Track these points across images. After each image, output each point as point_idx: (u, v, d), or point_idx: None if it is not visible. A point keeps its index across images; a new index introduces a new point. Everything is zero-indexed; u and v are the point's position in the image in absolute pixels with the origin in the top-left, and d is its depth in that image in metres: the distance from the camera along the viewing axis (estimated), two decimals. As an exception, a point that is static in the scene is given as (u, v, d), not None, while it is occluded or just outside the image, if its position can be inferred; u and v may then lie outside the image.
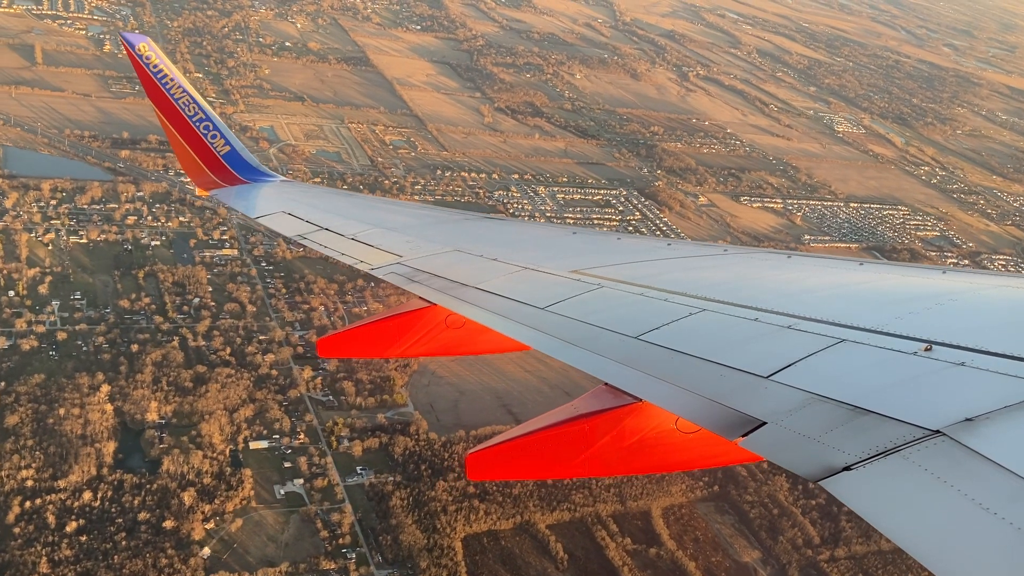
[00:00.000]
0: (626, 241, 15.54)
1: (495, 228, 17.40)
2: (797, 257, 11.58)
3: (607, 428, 8.20)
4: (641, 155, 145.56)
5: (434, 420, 75.80)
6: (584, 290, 9.76)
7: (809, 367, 6.73)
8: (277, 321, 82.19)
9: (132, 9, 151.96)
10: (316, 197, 19.22)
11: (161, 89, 16.21)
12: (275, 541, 61.59)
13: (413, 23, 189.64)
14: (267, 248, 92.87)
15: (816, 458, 5.45)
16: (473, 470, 8.42)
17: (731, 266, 11.57)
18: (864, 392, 6.11)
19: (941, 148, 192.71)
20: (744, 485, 76.58)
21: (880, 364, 6.55)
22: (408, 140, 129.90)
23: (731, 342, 7.65)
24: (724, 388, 6.75)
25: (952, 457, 4.97)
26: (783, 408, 6.20)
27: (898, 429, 5.42)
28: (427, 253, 12.56)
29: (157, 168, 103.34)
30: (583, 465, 8.33)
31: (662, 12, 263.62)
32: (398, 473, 69.13)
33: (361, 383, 76.75)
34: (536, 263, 11.43)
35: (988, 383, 5.79)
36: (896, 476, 4.99)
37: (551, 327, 8.80)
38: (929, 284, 9.15)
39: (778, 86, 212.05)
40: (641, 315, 8.68)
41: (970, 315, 7.66)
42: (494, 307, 9.82)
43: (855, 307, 7.99)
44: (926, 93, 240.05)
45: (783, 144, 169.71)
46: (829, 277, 10.28)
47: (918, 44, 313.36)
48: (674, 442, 8.20)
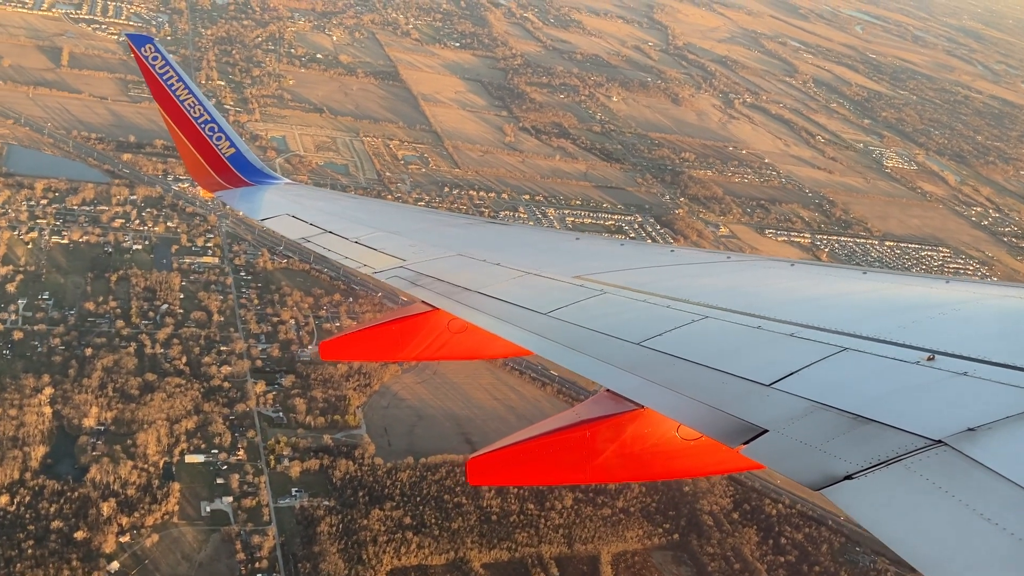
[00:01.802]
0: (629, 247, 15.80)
1: (499, 233, 17.17)
2: (800, 265, 11.55)
3: (609, 434, 8.14)
4: (665, 181, 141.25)
5: (385, 445, 73.21)
6: (587, 296, 9.78)
7: (811, 375, 6.73)
8: (242, 333, 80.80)
9: (169, 16, 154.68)
10: (321, 200, 19.29)
11: (166, 90, 16.26)
12: (189, 560, 59.61)
13: (452, 40, 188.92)
14: (249, 258, 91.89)
15: (818, 466, 5.47)
16: (473, 475, 8.27)
17: (734, 273, 11.69)
18: (866, 401, 6.13)
19: (999, 189, 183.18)
20: (708, 535, 71.94)
21: (882, 373, 6.56)
22: (422, 156, 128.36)
23: (733, 349, 7.70)
24: (726, 395, 6.75)
25: (954, 467, 5.00)
26: (785, 416, 6.21)
27: (900, 438, 5.46)
28: (430, 257, 12.53)
29: (156, 172, 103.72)
30: (584, 471, 8.32)
31: (719, 37, 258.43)
32: (333, 498, 66.66)
33: (314, 401, 74.71)
34: (539, 268, 11.40)
35: (990, 393, 5.81)
36: (898, 485, 5.03)
37: (553, 332, 8.80)
38: (932, 293, 9.25)
39: (830, 117, 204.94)
40: (644, 321, 8.68)
41: (973, 325, 7.66)
42: (497, 312, 9.78)
43: (858, 316, 8.07)
44: (993, 131, 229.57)
45: (823, 177, 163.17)
46: (832, 285, 10.38)
47: (994, 80, 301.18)
48: (676, 449, 8.14)
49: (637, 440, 8.14)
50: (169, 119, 16.77)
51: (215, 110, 17.29)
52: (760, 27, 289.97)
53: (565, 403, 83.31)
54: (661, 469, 8.36)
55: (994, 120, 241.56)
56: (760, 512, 75.92)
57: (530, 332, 8.94)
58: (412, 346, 11.39)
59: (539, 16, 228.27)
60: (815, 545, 73.49)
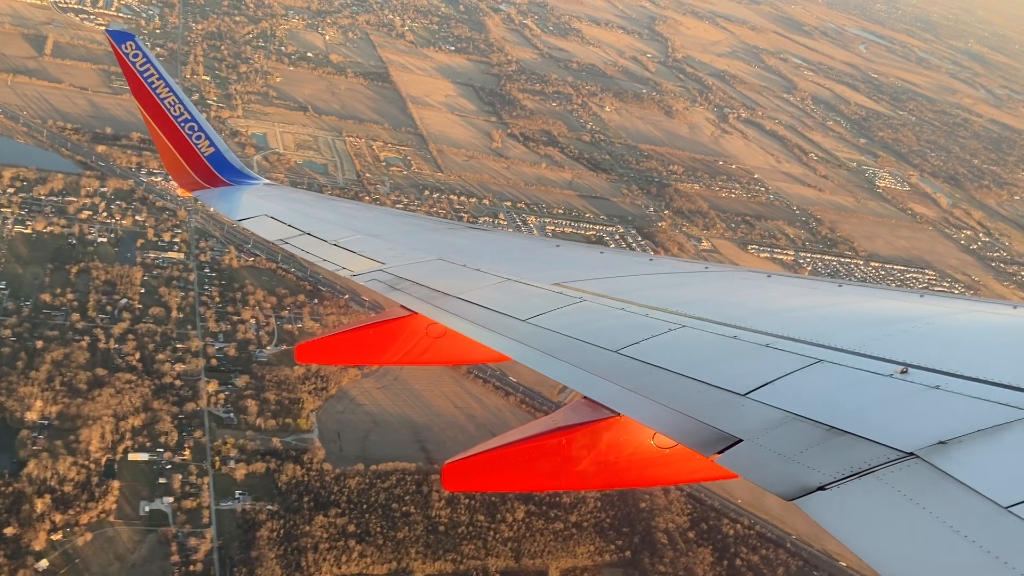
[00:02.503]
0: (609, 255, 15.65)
1: (479, 238, 17.19)
2: (776, 277, 11.55)
3: (585, 441, 8.17)
4: (651, 193, 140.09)
5: (337, 450, 71.94)
6: (566, 303, 9.79)
7: (786, 386, 6.75)
8: (200, 330, 79.64)
9: (160, 9, 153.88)
10: (300, 202, 19.16)
11: (146, 87, 16.15)
12: (122, 560, 58.36)
13: (448, 44, 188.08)
14: (215, 255, 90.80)
15: (791, 477, 5.49)
16: (449, 480, 8.22)
17: (711, 283, 11.72)
18: (840, 412, 6.15)
19: (992, 213, 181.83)
20: (661, 553, 70.56)
21: (857, 385, 6.61)
22: (404, 158, 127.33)
23: (709, 359, 7.75)
24: (701, 404, 6.79)
25: (925, 479, 5.05)
26: (759, 426, 6.23)
27: (873, 450, 5.49)
28: (410, 261, 12.52)
29: (130, 165, 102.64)
30: (560, 478, 8.27)
31: (719, 52, 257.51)
32: (277, 502, 65.41)
33: (267, 403, 73.46)
34: (519, 275, 11.38)
35: (962, 407, 5.87)
36: (870, 497, 5.07)
37: (532, 339, 8.81)
38: (906, 307, 9.27)
39: (825, 135, 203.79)
40: (621, 329, 8.72)
41: (946, 339, 7.73)
42: (475, 317, 9.76)
43: (833, 328, 8.10)
44: (990, 155, 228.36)
45: (812, 195, 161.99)
46: (808, 298, 10.39)
47: (996, 104, 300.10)
48: (651, 457, 8.18)
49: (613, 448, 8.16)
50: (148, 117, 16.65)
51: (195, 109, 17.20)
52: (762, 42, 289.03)
53: (528, 414, 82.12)
54: (636, 477, 8.36)
55: (992, 144, 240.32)
56: (717, 532, 74.53)
57: (509, 338, 8.95)
58: (390, 351, 11.36)
59: (538, 23, 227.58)
60: (771, 568, 72.10)
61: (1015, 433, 5.44)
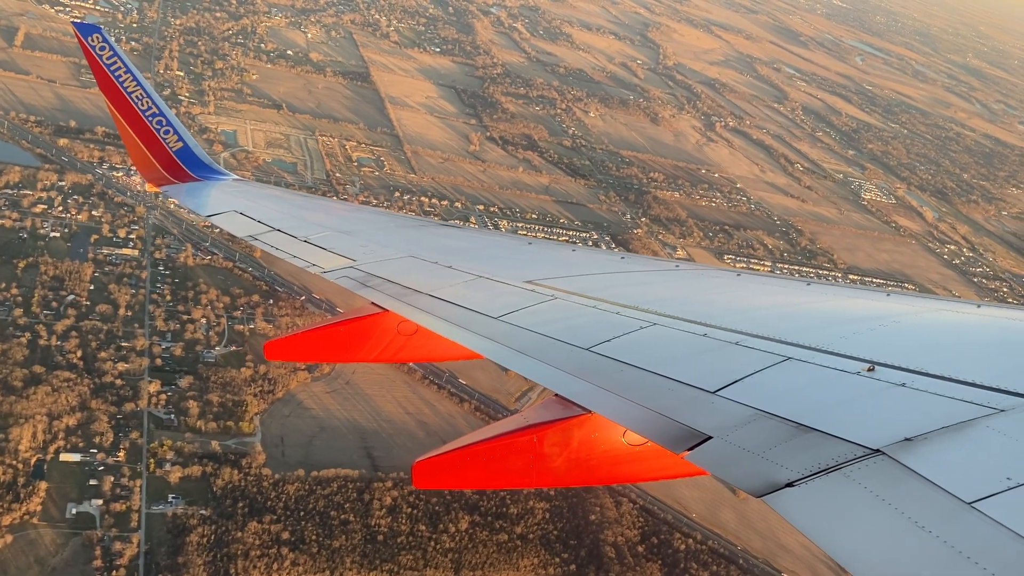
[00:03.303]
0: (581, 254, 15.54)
1: (451, 236, 16.86)
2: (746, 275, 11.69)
3: (556, 439, 8.17)
4: (629, 200, 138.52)
5: (279, 455, 70.24)
6: (538, 301, 9.81)
7: (755, 383, 6.81)
8: (147, 329, 78.01)
9: (139, 3, 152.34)
10: (270, 198, 18.74)
11: (113, 82, 15.97)
12: (42, 564, 56.64)
13: (433, 45, 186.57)
14: (171, 252, 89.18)
15: (760, 474, 5.54)
16: (419, 478, 8.09)
17: (682, 282, 11.78)
18: (808, 410, 6.22)
19: (977, 228, 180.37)
20: (607, 567, 68.91)
21: (824, 383, 6.66)
22: (377, 159, 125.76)
23: (680, 356, 7.76)
24: (672, 402, 6.81)
25: (891, 476, 5.11)
26: (729, 423, 6.27)
27: (840, 447, 5.54)
28: (381, 258, 12.46)
29: (92, 160, 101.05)
30: (531, 476, 8.23)
31: (712, 60, 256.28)
32: (211, 507, 63.75)
33: (210, 404, 71.81)
34: (491, 272, 11.41)
35: (927, 404, 5.93)
36: (837, 493, 5.13)
37: (503, 336, 8.86)
38: (873, 306, 9.40)
39: (813, 146, 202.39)
40: (593, 327, 8.77)
41: (912, 337, 7.82)
42: (447, 315, 9.79)
43: (801, 326, 8.22)
44: (980, 169, 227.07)
45: (795, 205, 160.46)
46: (777, 296, 10.47)
47: (990, 119, 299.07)
48: (622, 454, 8.23)
49: (584, 445, 8.17)
50: (115, 111, 16.45)
51: (163, 103, 16.96)
52: (757, 52, 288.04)
53: (482, 421, 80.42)
54: (607, 474, 8.40)
55: (983, 159, 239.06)
56: (668, 546, 72.86)
57: (480, 336, 8.95)
58: (360, 348, 11.30)
59: (528, 27, 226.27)
60: (720, 585, 70.54)
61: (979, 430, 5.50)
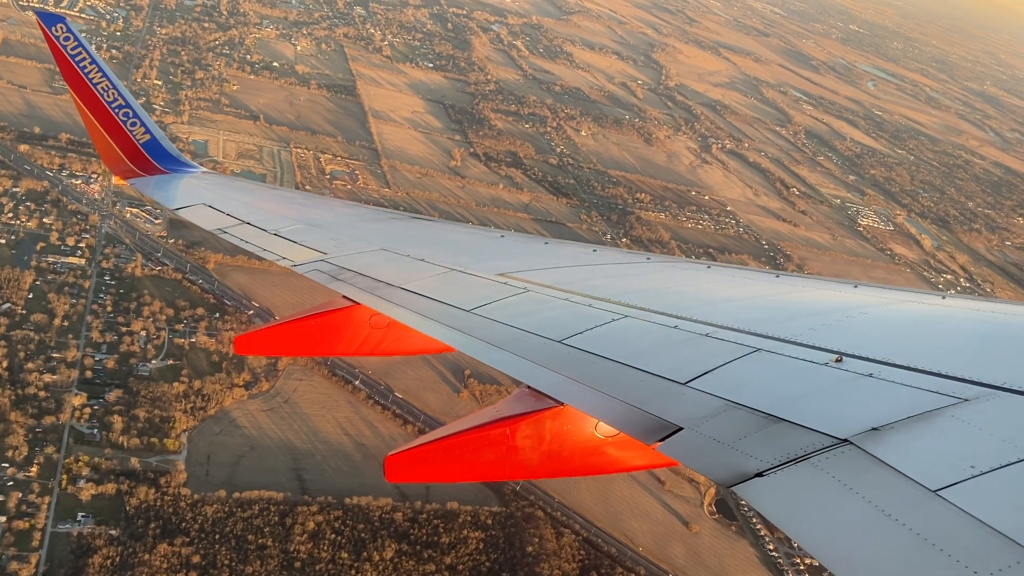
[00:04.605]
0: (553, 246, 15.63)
1: (423, 229, 16.79)
2: (717, 268, 11.99)
3: (528, 431, 8.24)
4: (611, 220, 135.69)
5: (202, 475, 67.74)
6: (510, 293, 9.83)
7: (726, 375, 6.87)
8: (82, 340, 75.93)
9: (127, 12, 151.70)
10: (240, 190, 18.78)
11: (78, 73, 15.70)
12: (-71, 584, 54.47)
13: (426, 60, 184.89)
14: (120, 262, 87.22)
15: (730, 464, 5.60)
16: (392, 472, 8.32)
17: (654, 274, 11.96)
18: (777, 400, 6.27)
19: (977, 258, 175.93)
20: (539, 604, 65.88)
21: (793, 373, 6.72)
22: (352, 172, 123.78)
23: (651, 348, 7.79)
24: (643, 393, 6.87)
25: (859, 465, 5.19)
26: (700, 414, 6.33)
27: (809, 437, 5.61)
28: (352, 251, 12.44)
29: (52, 167, 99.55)
30: (504, 468, 8.36)
31: (716, 81, 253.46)
32: (121, 527, 61.29)
33: (135, 420, 69.49)
34: (463, 265, 11.41)
35: (894, 394, 6.00)
36: (806, 483, 5.18)
37: (476, 329, 8.82)
38: (841, 297, 9.48)
39: (812, 170, 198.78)
40: (565, 320, 8.78)
41: (879, 328, 7.95)
42: (419, 308, 9.73)
43: (771, 317, 8.28)
44: (987, 198, 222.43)
45: (786, 229, 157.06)
46: (747, 288, 10.74)
47: (1003, 147, 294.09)
48: (594, 446, 8.32)
49: (556, 437, 8.28)
50: (81, 103, 16.20)
51: (130, 95, 16.66)
52: (764, 75, 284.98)
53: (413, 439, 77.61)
54: (579, 465, 8.47)
55: (991, 187, 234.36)
56: (609, 583, 69.78)
57: (453, 329, 8.95)
58: (332, 342, 11.26)
59: (528, 45, 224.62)
60: (660, 625, 67.28)
61: (944, 419, 5.55)
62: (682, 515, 79.41)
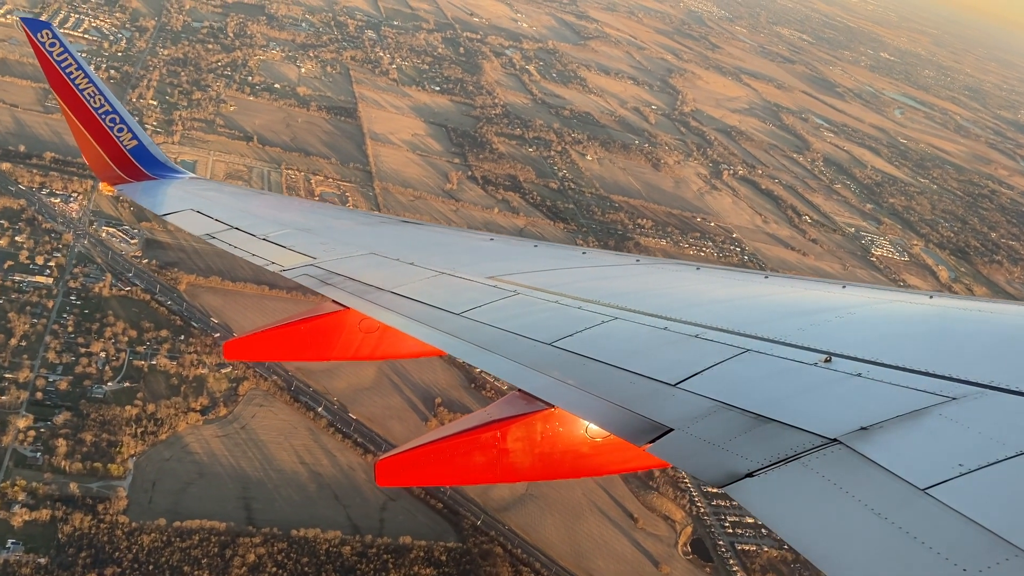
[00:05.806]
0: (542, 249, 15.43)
1: (413, 233, 16.40)
2: (706, 269, 11.85)
3: (519, 434, 8.22)
4: (609, 246, 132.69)
5: (145, 502, 65.59)
6: (500, 296, 9.81)
7: (715, 375, 6.86)
8: (38, 360, 74.52)
9: (131, 34, 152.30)
10: (228, 195, 18.44)
11: (64, 78, 15.52)
12: None
13: (434, 84, 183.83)
14: (88, 282, 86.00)
15: (720, 465, 5.58)
16: (383, 476, 8.26)
17: (643, 276, 11.92)
18: (767, 401, 6.24)
19: (996, 290, 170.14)
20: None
21: (782, 374, 6.69)
22: (342, 194, 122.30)
23: (641, 350, 7.77)
24: (633, 395, 6.83)
25: (848, 464, 5.18)
26: (690, 415, 6.29)
27: (798, 437, 5.59)
28: (342, 255, 12.40)
29: (32, 185, 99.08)
30: (495, 471, 8.33)
31: (734, 107, 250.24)
32: (51, 555, 59.26)
33: (81, 443, 67.67)
34: (453, 268, 11.37)
35: (882, 394, 5.98)
36: (796, 483, 5.16)
37: (466, 332, 8.77)
38: (830, 298, 9.44)
39: (828, 198, 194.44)
40: (555, 322, 8.74)
41: (867, 328, 7.90)
42: (409, 312, 9.69)
43: (760, 318, 8.24)
44: (1012, 229, 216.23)
45: (793, 258, 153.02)
46: (735, 289, 10.72)
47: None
48: (585, 448, 8.30)
49: (547, 439, 8.34)
50: (67, 109, 16.03)
51: (117, 101, 16.52)
52: (786, 101, 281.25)
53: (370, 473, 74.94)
54: (570, 468, 8.50)
55: (1017, 218, 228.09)
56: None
57: (443, 332, 8.93)
58: (321, 346, 11.17)
59: (541, 70, 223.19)
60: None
61: (932, 418, 5.55)
62: (653, 555, 75.82)
